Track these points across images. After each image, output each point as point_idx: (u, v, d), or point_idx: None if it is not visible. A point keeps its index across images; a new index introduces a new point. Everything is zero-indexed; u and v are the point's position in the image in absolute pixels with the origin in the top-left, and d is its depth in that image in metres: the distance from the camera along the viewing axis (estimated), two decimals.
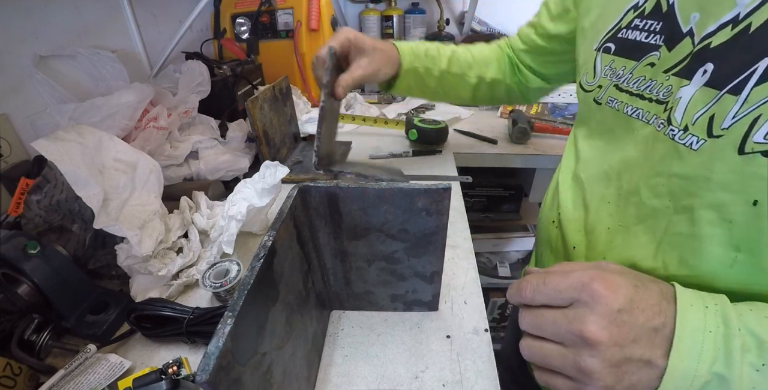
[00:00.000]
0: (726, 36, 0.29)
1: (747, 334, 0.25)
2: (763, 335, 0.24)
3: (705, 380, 0.24)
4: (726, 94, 0.28)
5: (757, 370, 0.24)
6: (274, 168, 0.50)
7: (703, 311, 0.26)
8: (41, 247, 0.40)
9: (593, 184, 0.42)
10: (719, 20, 0.29)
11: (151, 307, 0.40)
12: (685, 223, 0.32)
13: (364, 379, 0.37)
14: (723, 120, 0.28)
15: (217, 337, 0.20)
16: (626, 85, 0.38)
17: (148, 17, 0.84)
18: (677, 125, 0.31)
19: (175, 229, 0.49)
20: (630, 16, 0.38)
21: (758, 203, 0.27)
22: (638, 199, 0.36)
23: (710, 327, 0.25)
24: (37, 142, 0.41)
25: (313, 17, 0.94)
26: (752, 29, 0.27)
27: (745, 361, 0.24)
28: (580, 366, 0.26)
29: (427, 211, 0.34)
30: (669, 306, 0.27)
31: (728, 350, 0.24)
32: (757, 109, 0.26)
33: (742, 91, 0.27)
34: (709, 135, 0.29)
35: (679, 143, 0.31)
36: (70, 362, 0.37)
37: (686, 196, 0.31)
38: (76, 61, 0.65)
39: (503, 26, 1.44)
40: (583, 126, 0.47)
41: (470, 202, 1.12)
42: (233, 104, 0.79)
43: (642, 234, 0.36)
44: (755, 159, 0.26)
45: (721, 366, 0.24)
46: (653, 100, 0.35)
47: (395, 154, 0.80)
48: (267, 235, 0.28)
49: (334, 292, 0.42)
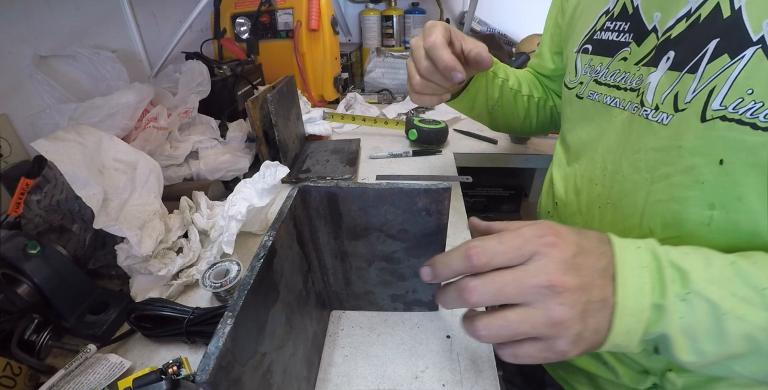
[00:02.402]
0: (682, 27, 0.34)
1: (671, 266, 0.27)
2: (685, 266, 0.27)
3: (649, 313, 0.26)
4: (686, 73, 0.33)
5: (682, 300, 0.26)
6: (274, 168, 0.50)
7: (636, 251, 0.28)
8: (41, 247, 0.40)
9: (582, 170, 0.46)
10: (676, 16, 0.35)
11: (151, 307, 0.40)
12: (663, 191, 0.36)
13: (364, 379, 0.37)
14: (686, 95, 0.32)
15: (217, 337, 0.20)
16: (604, 78, 0.43)
17: (148, 17, 0.84)
18: (649, 105, 0.36)
19: (175, 229, 0.49)
20: (603, 20, 0.43)
21: (724, 162, 0.31)
22: (621, 176, 0.40)
23: (644, 263, 0.27)
24: (37, 142, 0.41)
25: (313, 17, 0.94)
26: (701, 19, 0.32)
27: (673, 290, 0.26)
28: (551, 318, 0.26)
29: (427, 211, 0.34)
30: (608, 248, 0.29)
31: (662, 281, 0.27)
32: (711, 82, 0.31)
33: (698, 69, 0.32)
34: (676, 110, 0.33)
35: (652, 121, 0.36)
36: (70, 362, 0.37)
37: (662, 166, 0.35)
38: (76, 61, 0.65)
39: (503, 26, 1.44)
40: (567, 122, 0.51)
41: (470, 202, 1.12)
42: (233, 104, 0.79)
43: (627, 207, 0.39)
44: (716, 124, 0.30)
45: (658, 296, 0.26)
46: (628, 89, 0.40)
47: (395, 154, 0.80)
48: (267, 235, 0.28)
49: (334, 292, 0.42)
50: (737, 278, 0.27)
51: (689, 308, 0.26)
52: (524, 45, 1.27)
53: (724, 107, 0.30)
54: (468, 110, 0.64)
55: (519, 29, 1.41)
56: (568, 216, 0.48)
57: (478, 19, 1.42)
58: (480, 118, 0.67)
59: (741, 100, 0.29)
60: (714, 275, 0.27)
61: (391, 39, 1.37)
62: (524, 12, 1.41)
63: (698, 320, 0.26)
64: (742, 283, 0.26)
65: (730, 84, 0.29)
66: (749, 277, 0.26)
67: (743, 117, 0.29)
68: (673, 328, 0.26)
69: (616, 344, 0.27)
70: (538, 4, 1.41)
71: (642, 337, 0.27)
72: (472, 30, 1.42)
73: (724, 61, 0.30)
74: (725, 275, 0.27)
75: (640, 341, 0.27)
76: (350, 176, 0.70)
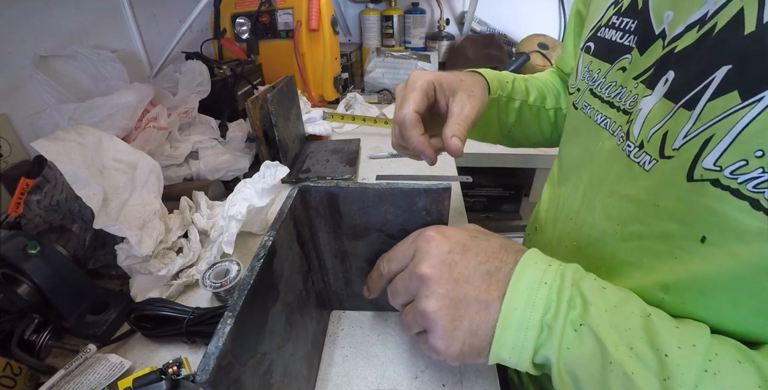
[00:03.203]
0: (691, 39, 0.25)
1: (578, 294, 0.24)
2: (590, 298, 0.24)
3: (537, 332, 0.24)
4: (681, 108, 0.24)
5: (575, 330, 0.23)
6: (274, 168, 0.50)
7: (545, 268, 0.26)
8: (41, 247, 0.40)
9: (565, 197, 0.40)
10: (688, 20, 0.25)
11: (151, 307, 0.40)
12: (633, 253, 0.28)
13: (364, 379, 0.37)
14: (675, 139, 0.24)
15: (217, 337, 0.20)
16: (599, 90, 0.35)
17: (148, 17, 0.84)
18: (634, 141, 0.28)
19: (175, 229, 0.49)
20: (610, 13, 0.35)
21: (706, 241, 0.23)
22: (592, 219, 0.33)
23: (547, 279, 0.25)
24: (37, 142, 0.41)
25: (313, 17, 0.94)
26: (716, 31, 0.23)
27: (569, 317, 0.24)
28: (420, 309, 0.27)
29: (427, 211, 0.34)
30: (508, 255, 0.27)
31: (559, 302, 0.24)
32: (709, 129, 0.22)
33: (696, 106, 0.23)
34: (661, 155, 0.25)
35: (634, 161, 0.28)
36: (70, 362, 0.37)
37: (634, 222, 0.28)
38: (76, 61, 0.65)
39: (503, 26, 1.44)
40: (564, 133, 0.45)
41: (470, 202, 1.12)
42: (233, 104, 0.79)
43: (593, 257, 0.33)
44: (704, 188, 0.22)
45: (550, 317, 0.24)
46: (620, 110, 0.31)
47: (395, 154, 0.80)
48: (267, 235, 0.28)
49: (334, 292, 0.42)
50: (642, 332, 0.22)
51: (578, 341, 0.23)
52: (524, 45, 1.27)
53: (719, 168, 0.21)
54: (480, 139, 0.57)
55: (519, 29, 1.41)
56: (540, 245, 0.42)
57: (478, 19, 1.42)
58: (494, 142, 0.59)
59: (745, 163, 0.20)
60: (617, 319, 0.23)
61: (391, 39, 1.37)
62: (524, 12, 1.41)
63: (583, 359, 0.23)
64: (646, 339, 0.22)
65: (733, 137, 0.21)
66: (657, 337, 0.22)
67: (742, 188, 0.20)
68: (556, 357, 0.23)
69: (502, 358, 0.25)
70: (538, 4, 1.42)
71: (533, 358, 0.24)
72: (472, 30, 1.42)
73: (732, 102, 0.21)
74: (630, 324, 0.23)
75: (533, 364, 0.25)
76: (350, 176, 0.70)
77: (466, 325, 0.26)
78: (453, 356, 0.26)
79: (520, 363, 0.25)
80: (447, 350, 0.26)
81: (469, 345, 0.26)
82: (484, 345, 0.25)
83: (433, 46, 1.39)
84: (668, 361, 0.21)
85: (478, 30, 1.43)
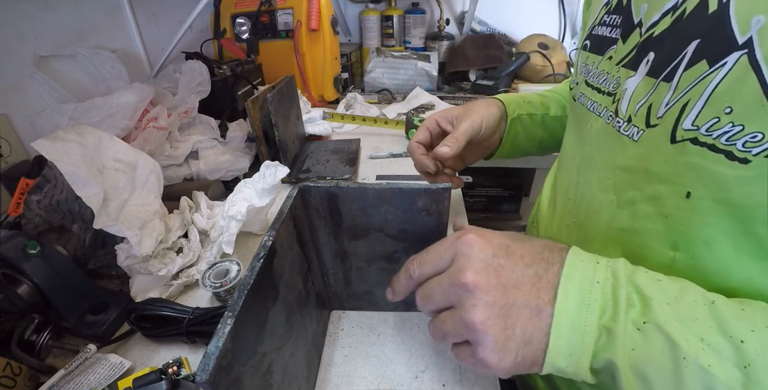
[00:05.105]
0: (666, 24, 0.28)
1: (633, 290, 0.24)
2: (648, 293, 0.23)
3: (595, 336, 0.23)
4: (661, 81, 0.27)
5: (638, 329, 0.22)
6: (274, 168, 0.50)
7: (594, 265, 0.25)
8: (41, 247, 0.40)
9: (562, 181, 0.43)
10: (662, 9, 0.28)
11: (151, 307, 0.40)
12: (626, 218, 0.30)
13: (364, 380, 0.37)
14: (658, 109, 0.27)
15: (217, 337, 0.20)
16: (592, 79, 0.38)
17: (148, 17, 0.84)
18: (623, 116, 0.31)
19: (175, 229, 0.49)
20: (602, 13, 0.38)
21: (691, 196, 0.25)
22: (589, 192, 0.35)
23: (598, 278, 0.24)
24: (37, 142, 0.41)
25: (313, 17, 0.94)
26: (686, 14, 0.26)
27: (629, 317, 0.23)
28: (465, 320, 0.25)
29: (427, 211, 0.34)
30: (553, 255, 0.26)
31: (615, 302, 0.23)
32: (685, 95, 0.25)
33: (674, 77, 0.26)
34: (647, 125, 0.28)
35: (623, 135, 0.31)
36: (70, 362, 0.37)
37: (629, 189, 0.30)
38: (76, 61, 0.65)
39: (503, 26, 1.44)
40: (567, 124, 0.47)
41: (470, 202, 1.12)
42: (233, 104, 0.79)
43: (591, 229, 0.35)
44: (686, 147, 0.25)
45: (608, 318, 0.23)
46: (605, 93, 0.35)
47: (395, 154, 0.80)
48: (267, 235, 0.28)
49: (334, 292, 0.42)
50: (711, 321, 0.22)
51: (644, 340, 0.22)
52: (524, 45, 1.27)
53: (696, 127, 0.24)
54: (510, 156, 0.59)
55: (519, 29, 1.41)
56: (543, 231, 0.45)
57: (478, 19, 1.42)
58: (528, 155, 0.62)
59: (717, 120, 0.23)
60: (682, 311, 0.22)
61: (391, 39, 1.37)
62: (524, 12, 1.41)
63: (652, 358, 0.22)
64: (717, 328, 0.21)
65: (705, 98, 0.23)
66: (727, 323, 0.21)
67: (717, 142, 0.23)
68: (621, 359, 0.22)
69: (558, 368, 0.24)
70: (538, 4, 1.42)
71: (591, 364, 0.23)
72: (472, 30, 1.42)
73: (702, 69, 0.24)
74: (697, 314, 0.22)
75: (591, 370, 0.24)
76: (350, 176, 0.70)
77: (518, 335, 0.24)
78: (506, 369, 0.25)
79: (578, 370, 0.24)
80: (500, 363, 0.24)
81: (523, 355, 0.24)
82: (538, 354, 0.24)
83: (433, 46, 1.39)
84: (745, 347, 0.20)
85: (478, 30, 1.43)
